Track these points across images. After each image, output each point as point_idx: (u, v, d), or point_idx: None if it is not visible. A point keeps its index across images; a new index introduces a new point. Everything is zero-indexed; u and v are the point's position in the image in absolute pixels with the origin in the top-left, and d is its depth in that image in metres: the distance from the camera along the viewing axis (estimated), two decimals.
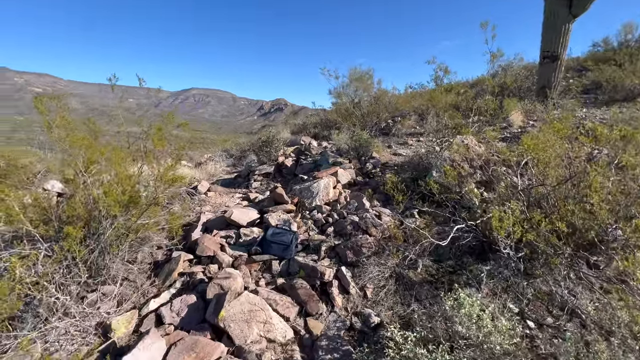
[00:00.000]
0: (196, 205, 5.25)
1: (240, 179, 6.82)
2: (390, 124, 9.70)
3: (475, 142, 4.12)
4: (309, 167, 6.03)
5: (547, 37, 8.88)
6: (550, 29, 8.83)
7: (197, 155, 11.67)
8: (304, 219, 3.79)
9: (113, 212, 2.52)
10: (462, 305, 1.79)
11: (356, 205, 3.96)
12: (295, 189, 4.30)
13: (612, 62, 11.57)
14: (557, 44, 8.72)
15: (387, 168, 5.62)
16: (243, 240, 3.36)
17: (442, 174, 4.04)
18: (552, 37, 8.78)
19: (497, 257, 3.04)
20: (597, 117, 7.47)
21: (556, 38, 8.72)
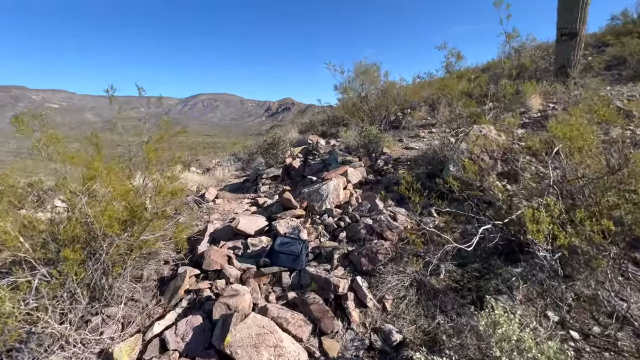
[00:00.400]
0: (204, 214, 5.13)
1: (249, 183, 6.67)
2: (400, 116, 9.36)
3: (495, 131, 3.80)
4: (317, 167, 5.82)
5: (564, 12, 8.33)
6: (567, 4, 8.27)
7: (206, 161, 11.67)
8: (314, 224, 3.58)
9: (110, 232, 2.38)
10: (499, 325, 1.54)
11: (369, 206, 3.72)
12: (304, 192, 4.10)
13: (635, 35, 10.80)
14: (575, 19, 8.15)
15: (400, 164, 5.34)
16: (251, 251, 3.19)
17: (460, 168, 3.75)
18: (569, 12, 8.23)
19: (528, 258, 2.76)
20: (624, 94, 6.93)
21: (574, 13, 8.16)
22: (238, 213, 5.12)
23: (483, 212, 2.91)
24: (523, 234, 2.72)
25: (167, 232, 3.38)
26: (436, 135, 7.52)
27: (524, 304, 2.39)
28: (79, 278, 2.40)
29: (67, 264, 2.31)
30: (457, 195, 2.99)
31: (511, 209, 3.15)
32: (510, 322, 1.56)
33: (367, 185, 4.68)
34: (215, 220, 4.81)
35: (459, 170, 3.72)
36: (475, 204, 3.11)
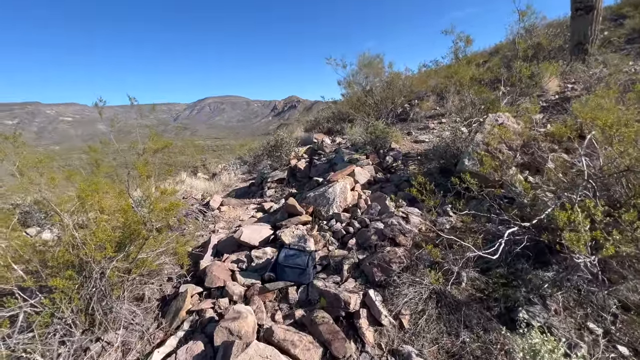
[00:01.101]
0: (209, 223, 4.99)
1: (255, 187, 6.51)
2: (407, 108, 9.01)
3: (512, 119, 3.48)
4: (323, 167, 5.60)
5: None
6: None
7: (212, 165, 11.60)
8: (322, 231, 3.36)
9: (99, 256, 2.22)
10: (539, 355, 1.30)
11: (379, 208, 3.48)
12: (309, 196, 3.88)
13: None
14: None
15: (410, 159, 5.06)
16: (255, 264, 3.00)
17: (477, 162, 3.45)
18: None
19: (560, 259, 2.47)
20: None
21: None
22: (244, 220, 4.96)
23: (505, 210, 2.62)
24: (553, 234, 2.44)
25: (169, 247, 3.24)
26: (446, 126, 7.17)
27: (560, 314, 2.12)
28: (73, 305, 2.27)
29: (58, 293, 2.17)
30: (476, 194, 2.70)
31: (535, 204, 2.86)
32: (554, 349, 1.31)
33: (376, 184, 4.43)
34: (220, 230, 4.66)
35: (475, 165, 3.43)
36: (496, 202, 2.82)
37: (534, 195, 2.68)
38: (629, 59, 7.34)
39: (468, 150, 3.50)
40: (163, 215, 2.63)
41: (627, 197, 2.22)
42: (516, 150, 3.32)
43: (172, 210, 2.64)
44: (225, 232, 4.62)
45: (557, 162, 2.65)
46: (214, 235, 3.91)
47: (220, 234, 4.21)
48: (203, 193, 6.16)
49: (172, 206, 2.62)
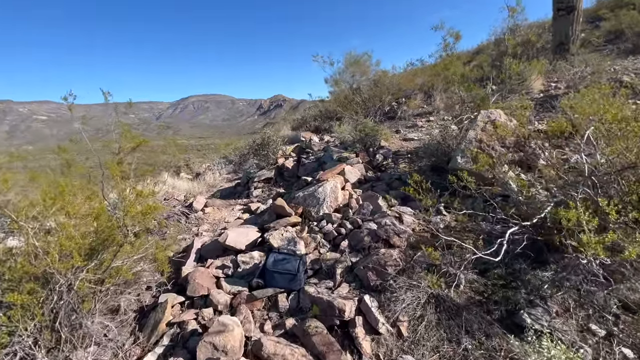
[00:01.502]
0: (192, 226, 4.73)
1: (240, 187, 6.27)
2: (394, 106, 8.97)
3: (504, 116, 3.44)
4: (312, 166, 5.43)
5: None
6: None
7: (196, 165, 11.21)
8: (312, 232, 3.21)
9: (64, 268, 1.99)
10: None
11: (371, 208, 3.35)
12: (299, 196, 3.72)
13: (630, 7, 10.42)
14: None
15: (400, 157, 4.98)
16: (242, 269, 2.81)
17: (469, 160, 3.38)
18: None
19: (558, 258, 2.41)
20: (628, 68, 6.59)
21: None
22: (229, 222, 4.74)
23: (502, 209, 2.55)
24: (552, 233, 2.38)
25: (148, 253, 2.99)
26: (435, 124, 7.16)
27: (561, 316, 2.06)
28: (35, 321, 2.03)
29: (16, 309, 1.92)
30: (473, 192, 2.61)
31: (531, 202, 2.81)
32: None
33: (367, 183, 4.31)
34: (204, 233, 4.42)
35: (468, 162, 3.36)
36: (491, 198, 2.75)
37: (529, 192, 2.61)
38: (607, 59, 7.54)
39: (461, 148, 3.43)
40: (140, 220, 2.40)
41: (624, 194, 2.18)
42: (509, 148, 3.27)
43: (149, 213, 2.41)
44: (210, 235, 4.39)
45: (554, 159, 2.59)
46: (197, 239, 3.68)
47: (204, 237, 3.98)
48: (186, 194, 5.88)
49: (150, 209, 2.40)
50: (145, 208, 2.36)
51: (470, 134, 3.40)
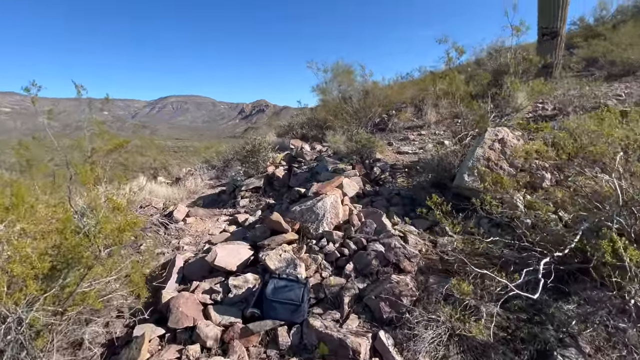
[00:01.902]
0: (172, 238, 4.28)
1: (225, 195, 5.87)
2: (385, 118, 8.93)
3: (512, 134, 3.35)
4: (304, 177, 5.15)
5: (545, 11, 8.29)
6: (547, 4, 8.25)
7: (176, 169, 10.58)
8: (312, 252, 2.91)
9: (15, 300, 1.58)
10: None
11: (375, 226, 3.12)
12: (295, 210, 3.42)
13: (602, 37, 11.09)
14: (556, 18, 8.13)
15: (397, 171, 4.81)
16: (234, 295, 2.46)
17: (477, 178, 3.25)
18: (550, 12, 8.20)
19: (580, 288, 2.27)
20: (609, 94, 6.89)
21: (555, 12, 8.14)
22: (214, 235, 4.33)
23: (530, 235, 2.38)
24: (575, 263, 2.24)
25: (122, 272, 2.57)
26: (427, 138, 7.13)
27: (593, 357, 1.89)
28: None
29: None
30: (497, 218, 2.44)
31: (538, 225, 2.70)
32: None
33: (366, 197, 4.08)
34: (185, 246, 4.00)
35: (476, 181, 3.22)
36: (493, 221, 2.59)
37: (547, 216, 2.48)
38: (586, 84, 7.88)
39: (468, 165, 3.29)
40: (116, 238, 2.01)
41: None
42: (517, 168, 3.16)
43: (127, 231, 2.03)
44: (192, 249, 3.97)
45: (581, 182, 2.47)
46: (178, 255, 3.28)
47: (186, 253, 3.57)
48: (165, 201, 5.40)
49: (128, 226, 2.02)
50: (122, 224, 1.98)
51: (478, 152, 3.27)
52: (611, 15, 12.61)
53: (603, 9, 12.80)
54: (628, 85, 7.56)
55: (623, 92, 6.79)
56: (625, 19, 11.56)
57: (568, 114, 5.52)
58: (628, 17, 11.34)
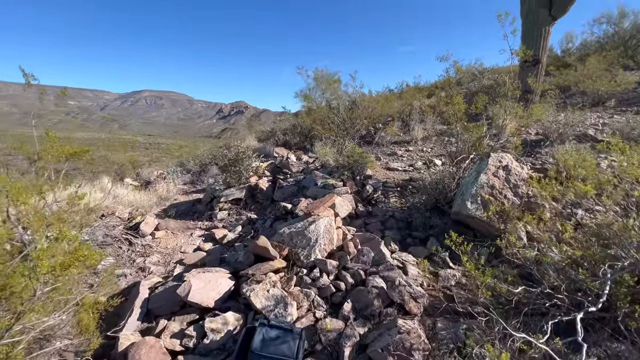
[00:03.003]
0: (138, 255, 3.73)
1: (201, 205, 5.35)
2: (371, 131, 8.79)
3: (516, 162, 3.22)
4: (290, 190, 4.79)
5: (527, 40, 8.59)
6: (529, 32, 8.57)
7: (146, 172, 9.76)
8: (303, 285, 2.55)
9: None
10: None
11: (372, 255, 2.82)
12: (283, 233, 3.04)
13: (571, 68, 11.76)
14: (538, 47, 8.44)
15: (389, 190, 4.57)
16: (210, 340, 2.04)
17: (480, 206, 3.06)
18: (532, 41, 8.51)
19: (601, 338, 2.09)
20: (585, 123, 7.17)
21: (536, 41, 8.46)
22: (186, 253, 3.84)
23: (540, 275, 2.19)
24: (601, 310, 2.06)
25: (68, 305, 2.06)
26: (415, 154, 7.03)
27: None
28: None
29: None
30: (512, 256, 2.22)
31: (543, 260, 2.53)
32: None
33: (359, 219, 3.79)
34: (153, 267, 3.48)
35: (479, 209, 3.03)
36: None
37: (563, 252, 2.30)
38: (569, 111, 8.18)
39: (471, 192, 3.10)
40: (57, 275, 1.54)
41: None
42: (522, 197, 3.01)
43: (75, 265, 1.57)
44: (160, 270, 3.46)
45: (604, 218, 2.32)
46: (144, 282, 2.78)
47: (152, 278, 3.07)
48: (132, 210, 4.79)
49: (76, 260, 1.56)
50: (69, 259, 1.52)
51: (482, 179, 3.09)
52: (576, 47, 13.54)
53: (569, 41, 13.72)
54: (599, 115, 7.90)
55: (598, 122, 7.07)
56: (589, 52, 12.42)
57: (553, 141, 5.61)
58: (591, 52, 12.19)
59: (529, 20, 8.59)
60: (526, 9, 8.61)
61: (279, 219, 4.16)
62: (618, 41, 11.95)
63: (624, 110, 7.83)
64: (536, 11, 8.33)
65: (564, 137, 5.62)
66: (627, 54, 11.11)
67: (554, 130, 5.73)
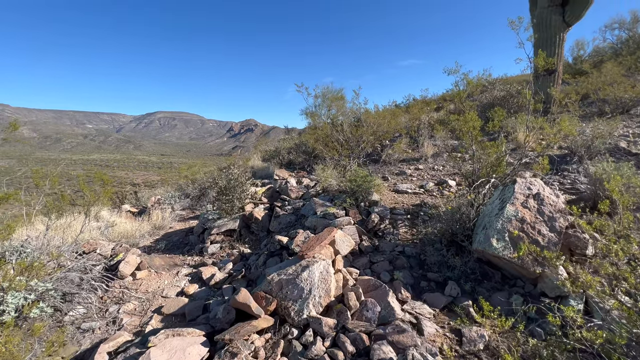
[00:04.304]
0: (112, 302, 3.29)
1: (193, 236, 4.93)
2: (378, 149, 8.34)
3: (548, 189, 2.69)
4: (288, 220, 4.32)
5: (541, 48, 8.12)
6: (543, 40, 8.10)
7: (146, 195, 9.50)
8: (292, 357, 2.03)
9: None
10: None
11: (378, 310, 2.30)
12: (272, 280, 2.56)
13: (586, 75, 11.18)
14: (553, 55, 7.95)
15: (398, 218, 4.04)
16: None
17: (508, 244, 2.52)
18: (546, 48, 8.03)
19: None
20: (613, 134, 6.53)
21: (551, 49, 7.98)
22: (168, 298, 3.38)
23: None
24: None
25: None
26: (425, 174, 6.51)
27: None
28: None
29: None
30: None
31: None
32: None
33: (363, 256, 3.28)
34: (126, 319, 3.02)
35: (507, 248, 2.49)
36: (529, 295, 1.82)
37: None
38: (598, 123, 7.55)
39: (497, 227, 2.56)
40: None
41: None
42: (560, 233, 2.46)
43: None
44: (135, 323, 3.00)
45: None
46: (103, 346, 2.32)
47: (117, 338, 2.58)
48: (116, 245, 4.39)
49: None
50: None
51: (509, 210, 2.56)
52: (588, 54, 12.99)
53: (580, 48, 13.20)
54: (626, 124, 7.25)
55: (628, 132, 6.43)
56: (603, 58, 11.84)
57: (582, 156, 5.02)
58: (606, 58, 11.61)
59: (542, 27, 8.14)
60: (537, 15, 8.19)
61: (273, 255, 3.68)
62: (633, 46, 11.39)
63: None
64: (549, 17, 7.90)
65: (593, 152, 5.03)
66: None
67: (582, 144, 5.14)
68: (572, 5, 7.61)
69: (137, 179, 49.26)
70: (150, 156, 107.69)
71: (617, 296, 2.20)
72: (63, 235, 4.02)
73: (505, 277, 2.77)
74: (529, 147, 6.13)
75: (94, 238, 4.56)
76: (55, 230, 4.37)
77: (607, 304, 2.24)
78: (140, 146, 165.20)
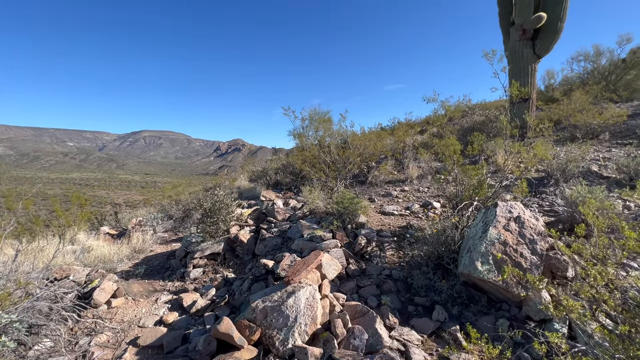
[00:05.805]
0: (83, 335, 3.06)
1: (175, 260, 4.74)
2: (364, 170, 8.47)
3: (528, 212, 2.78)
4: (274, 243, 4.25)
5: (515, 77, 8.66)
6: (516, 70, 8.67)
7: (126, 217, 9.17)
8: None
9: None
10: None
11: (366, 337, 2.24)
12: (256, 308, 2.47)
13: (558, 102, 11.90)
14: (527, 84, 8.49)
15: (385, 240, 4.05)
16: None
17: (493, 267, 2.55)
18: (520, 78, 8.57)
19: None
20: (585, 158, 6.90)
21: (524, 79, 8.52)
22: (145, 328, 3.19)
23: None
24: None
25: None
26: (411, 195, 6.61)
27: None
28: None
29: None
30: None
31: None
32: None
33: (350, 280, 3.23)
34: (97, 353, 2.81)
35: (492, 271, 2.52)
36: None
37: None
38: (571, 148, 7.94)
39: (480, 250, 2.60)
40: None
41: None
42: (542, 256, 2.52)
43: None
44: (107, 357, 2.79)
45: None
46: None
47: None
48: (91, 271, 4.16)
49: None
50: None
51: (492, 234, 2.62)
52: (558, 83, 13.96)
53: (551, 77, 14.20)
54: (596, 148, 7.66)
55: (599, 156, 6.79)
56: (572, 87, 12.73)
57: (558, 179, 5.24)
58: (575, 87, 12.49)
59: (516, 59, 8.71)
60: (510, 48, 8.79)
61: (258, 280, 3.57)
62: (598, 76, 12.33)
63: (619, 143, 7.63)
64: (521, 50, 8.49)
65: (568, 175, 5.28)
66: (609, 88, 11.37)
67: (557, 168, 5.39)
68: (541, 39, 8.22)
69: (118, 199, 47.70)
70: (134, 175, 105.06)
71: (599, 319, 2.25)
72: (34, 260, 3.79)
73: (491, 300, 2.78)
74: (509, 170, 6.39)
75: (67, 263, 4.32)
76: (26, 255, 4.14)
77: (589, 327, 2.28)
78: (123, 165, 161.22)
